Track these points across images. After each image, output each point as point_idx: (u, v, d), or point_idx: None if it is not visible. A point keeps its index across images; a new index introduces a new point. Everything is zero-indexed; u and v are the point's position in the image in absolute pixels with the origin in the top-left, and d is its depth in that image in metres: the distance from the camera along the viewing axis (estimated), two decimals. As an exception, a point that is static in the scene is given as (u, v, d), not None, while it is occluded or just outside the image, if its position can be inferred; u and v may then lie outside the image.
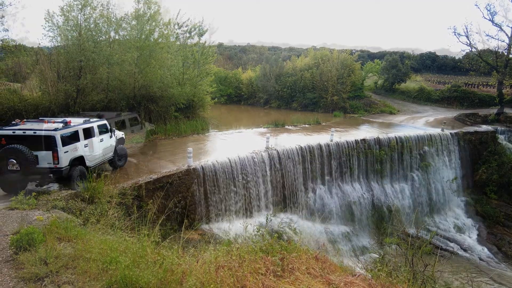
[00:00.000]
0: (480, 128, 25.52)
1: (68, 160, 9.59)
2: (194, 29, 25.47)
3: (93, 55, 16.44)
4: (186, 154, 13.51)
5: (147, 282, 3.78)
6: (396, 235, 7.81)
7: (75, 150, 9.86)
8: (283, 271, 4.08)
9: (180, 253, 4.81)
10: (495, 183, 22.51)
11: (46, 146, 9.14)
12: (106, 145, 11.67)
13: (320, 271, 4.17)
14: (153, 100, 20.03)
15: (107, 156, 11.94)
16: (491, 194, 22.47)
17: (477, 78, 42.89)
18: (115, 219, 8.03)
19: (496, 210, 21.48)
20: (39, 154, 9.16)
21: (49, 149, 9.16)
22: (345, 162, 18.92)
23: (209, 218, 13.19)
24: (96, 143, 11.01)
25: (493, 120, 27.61)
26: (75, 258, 4.93)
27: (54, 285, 4.25)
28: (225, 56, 75.45)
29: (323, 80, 35.94)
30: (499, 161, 22.98)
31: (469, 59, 32.71)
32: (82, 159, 10.25)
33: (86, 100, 16.80)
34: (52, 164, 9.24)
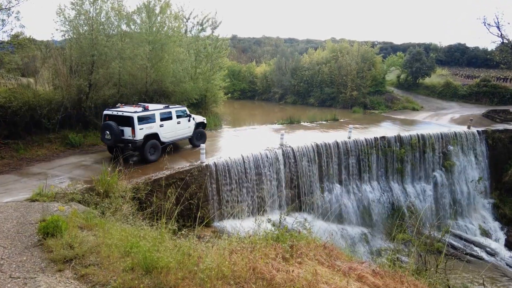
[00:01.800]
0: (511, 126, 25.31)
1: (143, 135, 13.30)
2: (206, 21, 26.16)
3: (105, 49, 17.23)
4: (199, 150, 14.15)
5: (167, 263, 4.37)
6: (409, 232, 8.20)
7: (150, 128, 13.58)
8: (292, 257, 4.61)
9: (196, 240, 5.41)
10: (526, 184, 22.37)
11: (128, 124, 13.03)
12: (183, 127, 15.31)
13: (326, 258, 4.68)
14: (165, 95, 20.77)
15: (184, 136, 15.63)
16: (520, 196, 22.34)
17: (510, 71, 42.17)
18: (130, 213, 8.73)
19: (525, 213, 21.39)
20: (124, 129, 13.13)
21: (129, 126, 13.04)
22: (363, 160, 19.23)
23: (222, 215, 13.81)
24: (172, 124, 14.66)
25: (525, 117, 27.29)
26: (97, 244, 5.59)
27: (81, 266, 4.91)
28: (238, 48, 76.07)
29: (342, 74, 36.11)
30: (530, 161, 22.82)
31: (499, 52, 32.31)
32: (157, 135, 13.92)
33: (98, 95, 17.62)
34: (131, 137, 13.10)
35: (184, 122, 15.34)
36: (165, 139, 14.45)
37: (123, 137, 13.20)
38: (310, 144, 17.52)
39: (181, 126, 15.17)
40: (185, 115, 15.47)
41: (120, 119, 13.20)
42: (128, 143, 13.25)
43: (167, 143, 14.54)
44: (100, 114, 17.91)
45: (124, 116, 13.13)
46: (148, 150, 13.60)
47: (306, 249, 4.84)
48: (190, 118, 15.67)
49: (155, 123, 13.82)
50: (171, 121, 14.60)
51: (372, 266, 4.83)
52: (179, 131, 15.13)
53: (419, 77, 39.48)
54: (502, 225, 21.65)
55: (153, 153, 13.90)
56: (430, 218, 19.90)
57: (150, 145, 13.68)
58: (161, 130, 14.13)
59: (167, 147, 14.06)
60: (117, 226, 6.31)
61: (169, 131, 14.59)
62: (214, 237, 10.56)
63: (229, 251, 4.67)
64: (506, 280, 16.22)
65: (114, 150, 13.38)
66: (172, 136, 14.86)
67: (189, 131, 15.80)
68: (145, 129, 13.40)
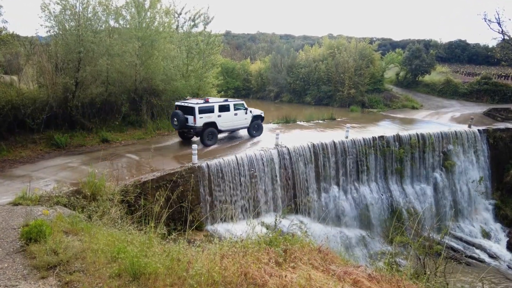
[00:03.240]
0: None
1: (202, 123, 16.29)
2: (198, 17, 26.12)
3: (92, 45, 17.14)
4: (190, 151, 14.12)
5: (155, 269, 4.35)
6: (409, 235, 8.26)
7: (209, 117, 16.47)
8: (285, 261, 4.61)
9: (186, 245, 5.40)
10: (528, 185, 22.60)
11: (191, 113, 16.12)
12: (240, 118, 17.91)
13: (321, 262, 4.69)
14: (155, 93, 20.70)
15: (241, 126, 18.27)
16: (523, 196, 22.56)
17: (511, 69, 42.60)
18: (118, 216, 8.67)
19: (528, 214, 21.61)
20: (188, 117, 16.24)
21: (192, 115, 16.08)
22: (361, 161, 19.30)
23: (214, 218, 13.79)
24: (229, 115, 17.38)
25: (527, 116, 27.57)
26: (83, 249, 5.56)
27: (66, 273, 4.87)
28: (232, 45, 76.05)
29: (339, 71, 36.24)
30: (533, 161, 23.05)
31: (501, 48, 32.63)
32: (215, 124, 16.77)
33: (85, 94, 17.51)
34: (193, 124, 16.16)
35: (241, 114, 17.94)
36: (222, 127, 17.34)
37: (187, 124, 16.43)
38: (306, 144, 17.56)
39: (238, 118, 17.83)
40: (243, 108, 18.09)
41: (185, 109, 16.43)
42: (190, 129, 16.70)
43: (224, 131, 17.79)
44: (87, 113, 17.95)
45: (188, 106, 16.33)
46: (206, 135, 16.65)
47: (300, 253, 4.85)
48: (247, 111, 18.25)
49: (213, 113, 16.69)
50: (228, 112, 17.32)
51: (368, 270, 4.86)
52: (235, 121, 17.83)
53: (419, 74, 39.73)
54: (503, 226, 21.85)
55: (211, 138, 16.89)
56: (430, 220, 20.01)
57: (208, 132, 16.69)
58: (219, 120, 16.94)
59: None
60: (104, 230, 6.27)
61: (226, 121, 17.35)
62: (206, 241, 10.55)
63: (220, 256, 4.67)
64: (508, 283, 16.37)
65: (183, 134, 17.80)
66: (229, 125, 17.67)
67: (246, 122, 18.35)
68: (205, 118, 16.36)
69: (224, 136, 18.79)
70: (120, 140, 17.79)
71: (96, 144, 16.90)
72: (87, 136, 17.42)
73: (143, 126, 19.76)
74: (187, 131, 17.30)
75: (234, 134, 19.29)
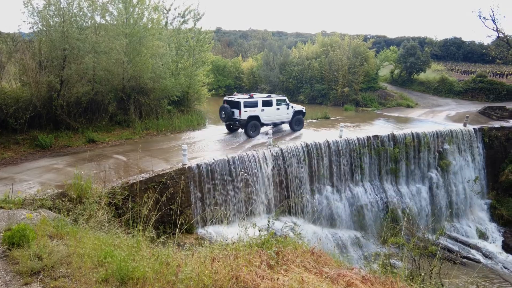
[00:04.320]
0: (507, 123, 25.93)
1: (247, 116, 18.41)
2: (188, 13, 26.05)
3: (78, 42, 16.97)
4: (180, 152, 14.08)
5: (143, 273, 4.34)
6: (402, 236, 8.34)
7: (253, 111, 18.60)
8: (277, 264, 4.63)
9: (175, 248, 5.38)
10: (523, 184, 22.94)
11: (237, 107, 18.30)
12: (281, 113, 19.81)
13: (314, 264, 4.72)
14: (143, 92, 20.60)
15: (282, 120, 20.23)
16: (518, 196, 22.90)
17: (507, 67, 43.23)
18: (105, 220, 8.61)
19: (523, 214, 21.94)
20: (234, 111, 18.45)
21: (238, 109, 18.27)
22: (355, 161, 19.42)
23: (205, 220, 13.77)
24: (272, 110, 19.35)
25: (522, 114, 27.98)
26: (68, 254, 5.50)
27: (50, 279, 4.82)
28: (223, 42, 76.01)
29: (333, 69, 36.42)
30: (528, 160, 23.41)
31: (495, 46, 33.09)
32: (258, 117, 18.87)
33: (71, 92, 17.34)
34: (238, 117, 18.33)
35: (283, 109, 19.84)
36: (265, 121, 19.35)
37: (233, 117, 18.59)
38: (299, 144, 17.62)
39: (279, 112, 19.74)
40: (285, 103, 19.97)
41: (232, 103, 18.67)
42: (236, 121, 18.80)
43: (266, 124, 19.69)
44: (73, 113, 17.81)
45: (235, 101, 18.56)
46: (250, 128, 18.77)
47: (292, 255, 4.87)
48: (289, 106, 20.06)
49: (257, 107, 18.74)
50: (271, 107, 19.31)
51: (362, 272, 4.90)
52: (277, 116, 19.75)
53: (414, 72, 40.12)
54: (499, 226, 22.17)
55: (254, 130, 18.91)
56: (426, 220, 20.22)
57: (252, 124, 18.79)
58: (262, 114, 18.99)
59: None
60: (91, 234, 6.22)
61: (269, 115, 19.33)
62: (197, 244, 10.53)
63: (210, 259, 4.67)
64: (503, 283, 16.61)
65: (230, 126, 20.13)
66: (271, 119, 19.65)
67: (287, 117, 20.23)
68: (249, 112, 18.46)
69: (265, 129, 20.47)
70: (107, 140, 17.66)
71: (82, 145, 16.76)
72: (73, 137, 17.27)
73: (131, 126, 19.65)
74: (233, 124, 19.42)
75: (277, 128, 21.28)
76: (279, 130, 20.96)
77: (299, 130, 20.86)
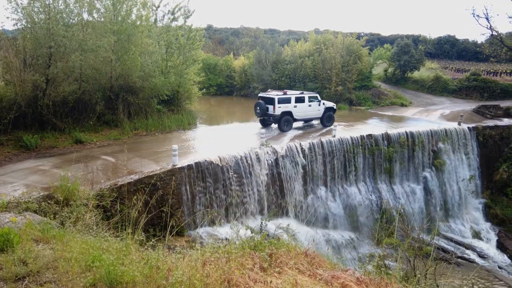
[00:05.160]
0: (501, 122, 26.30)
1: (280, 112, 20.01)
2: (178, 10, 25.92)
3: (64, 40, 16.79)
4: (170, 152, 14.00)
5: (133, 277, 4.30)
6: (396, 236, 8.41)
7: (286, 107, 20.12)
8: (270, 266, 4.63)
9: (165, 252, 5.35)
10: (517, 183, 23.26)
11: (271, 103, 19.91)
12: (313, 109, 21.41)
13: (308, 266, 4.73)
14: (132, 91, 20.45)
15: (314, 116, 21.86)
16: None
17: (500, 65, 43.80)
18: (93, 223, 8.53)
19: (517, 213, 22.25)
20: (269, 107, 20.06)
21: (272, 104, 19.85)
22: (349, 160, 19.52)
23: (197, 222, 13.72)
24: (304, 106, 20.91)
25: (516, 113, 28.41)
26: (55, 258, 5.43)
27: (36, 284, 4.75)
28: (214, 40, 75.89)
29: (326, 68, 36.52)
30: (521, 159, 23.75)
31: (489, 44, 33.49)
32: (291, 113, 20.44)
33: (57, 92, 17.14)
34: (272, 112, 19.96)
35: (314, 105, 21.39)
36: (297, 116, 20.89)
37: (268, 112, 20.22)
38: (293, 144, 17.65)
39: (311, 108, 21.31)
40: (316, 100, 21.56)
41: (267, 99, 20.36)
42: (270, 116, 20.44)
43: (298, 120, 21.28)
44: (59, 112, 17.62)
45: (269, 97, 20.23)
46: (283, 123, 20.32)
47: (286, 257, 4.87)
48: (320, 103, 21.61)
49: (290, 104, 20.28)
50: (303, 103, 20.85)
51: (357, 273, 4.92)
52: (309, 112, 21.33)
53: (408, 70, 40.41)
54: (493, 226, 22.47)
55: (287, 125, 20.49)
56: (420, 220, 20.41)
57: (285, 119, 20.35)
58: (295, 109, 20.54)
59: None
60: (78, 237, 6.15)
61: (301, 111, 20.89)
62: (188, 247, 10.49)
63: (202, 262, 4.64)
64: (498, 283, 16.83)
65: (264, 122, 21.80)
66: (303, 115, 21.23)
67: (319, 113, 21.75)
68: (282, 108, 20.00)
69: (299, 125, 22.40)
70: (95, 141, 17.51)
71: (69, 146, 16.58)
72: (59, 137, 17.08)
73: (120, 126, 19.49)
74: (267, 118, 20.97)
75: (308, 123, 22.96)
76: (310, 126, 22.76)
77: (329, 126, 22.06)
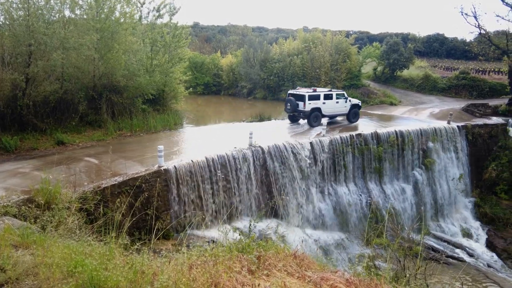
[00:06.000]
0: (490, 120, 26.77)
1: (310, 108, 21.60)
2: (163, 7, 25.76)
3: (45, 38, 16.52)
4: (156, 153, 13.90)
5: (116, 283, 4.25)
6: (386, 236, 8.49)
7: (315, 104, 21.85)
8: (259, 268, 4.63)
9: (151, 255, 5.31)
10: (506, 181, 23.69)
11: (302, 100, 21.71)
12: (340, 106, 23.09)
13: (297, 268, 4.74)
14: (116, 90, 20.26)
15: (341, 112, 23.50)
16: (501, 194, 23.65)
17: (489, 64, 44.61)
18: (76, 227, 8.42)
19: (506, 211, 22.67)
20: (299, 103, 21.84)
21: (302, 101, 21.64)
22: (338, 160, 19.64)
23: (183, 225, 13.64)
24: (332, 103, 22.64)
25: (504, 111, 29.00)
26: (35, 264, 5.34)
27: (15, 291, 4.67)
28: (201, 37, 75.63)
29: (315, 66, 36.75)
30: (510, 157, 24.22)
31: (478, 43, 34.07)
32: (319, 109, 22.04)
33: (38, 91, 16.87)
34: (302, 108, 21.66)
35: (341, 102, 23.07)
36: (326, 112, 22.49)
37: (298, 108, 21.90)
38: (282, 144, 17.68)
39: (338, 105, 22.99)
40: (343, 97, 23.16)
41: (297, 96, 22.01)
42: (300, 112, 22.02)
43: (326, 116, 22.76)
44: (40, 113, 17.34)
45: (300, 94, 21.96)
46: (312, 118, 21.85)
47: (274, 259, 4.88)
48: (347, 100, 23.21)
49: (319, 100, 21.99)
50: (331, 100, 22.58)
51: (346, 275, 4.96)
52: (336, 108, 22.98)
53: (397, 69, 40.87)
54: (483, 224, 22.84)
55: (315, 121, 21.99)
56: (410, 220, 20.66)
57: (314, 115, 21.90)
58: (323, 106, 22.16)
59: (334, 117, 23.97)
60: (60, 242, 6.06)
61: (329, 108, 22.52)
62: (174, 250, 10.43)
63: (188, 266, 4.62)
64: (487, 281, 17.14)
65: (293, 118, 23.55)
66: (331, 111, 22.83)
67: (345, 109, 23.38)
68: (312, 104, 21.64)
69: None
70: (78, 142, 17.29)
71: (51, 147, 16.34)
72: (40, 138, 16.82)
73: (103, 127, 19.29)
74: (297, 114, 22.53)
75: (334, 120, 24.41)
76: (335, 121, 24.34)
77: (355, 122, 23.81)
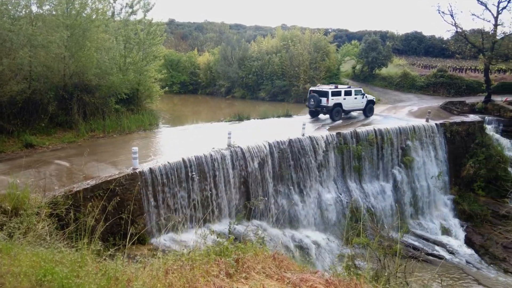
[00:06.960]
0: (467, 118, 27.58)
1: (333, 103, 23.82)
2: (137, 3, 25.40)
3: (10, 34, 16.10)
4: (130, 155, 13.70)
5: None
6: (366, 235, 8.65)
7: (337, 99, 24.07)
8: (237, 271, 4.63)
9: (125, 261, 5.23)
10: (483, 178, 24.46)
11: (325, 96, 23.76)
12: (358, 101, 25.54)
13: (276, 270, 4.77)
14: (88, 90, 19.87)
15: (358, 108, 25.98)
16: (478, 190, 24.41)
17: (466, 62, 45.97)
18: (46, 233, 8.21)
19: (483, 208, 23.40)
20: (322, 99, 23.86)
21: (325, 97, 23.68)
22: (318, 159, 19.82)
23: (160, 229, 13.49)
24: (351, 98, 24.99)
25: (480, 109, 29.95)
26: (1, 274, 5.18)
27: (-21, 303, 4.51)
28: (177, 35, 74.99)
29: (294, 65, 37.03)
30: (487, 154, 25.00)
31: (454, 41, 35.06)
32: (340, 104, 24.35)
33: (3, 91, 16.37)
34: (326, 104, 23.76)
35: (359, 98, 25.50)
36: (346, 108, 24.85)
37: (321, 104, 23.91)
38: (261, 144, 17.71)
39: (356, 101, 25.39)
40: (361, 93, 25.71)
41: (321, 92, 24.11)
42: (323, 108, 24.16)
43: (346, 111, 25.15)
44: (6, 114, 16.85)
45: (323, 91, 24.08)
46: (334, 113, 24.11)
47: (253, 261, 4.89)
48: (363, 96, 25.76)
49: (340, 96, 24.25)
50: (350, 96, 24.91)
51: (326, 275, 5.02)
52: (355, 104, 25.43)
53: (376, 67, 41.61)
54: (461, 221, 23.50)
55: (337, 115, 24.21)
56: (391, 218, 21.07)
57: (336, 110, 24.10)
58: (344, 101, 24.49)
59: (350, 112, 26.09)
60: (28, 250, 5.89)
61: (349, 103, 24.89)
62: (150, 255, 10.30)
63: (164, 271, 4.58)
64: (466, 277, 17.68)
65: (314, 113, 25.55)
66: (350, 107, 25.27)
67: (362, 105, 25.92)
68: (334, 100, 23.85)
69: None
70: (47, 144, 16.88)
71: (18, 150, 15.90)
72: (7, 141, 16.33)
73: (74, 128, 18.89)
74: (320, 110, 24.48)
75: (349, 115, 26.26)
76: (351, 117, 26.18)
77: (370, 116, 26.16)
